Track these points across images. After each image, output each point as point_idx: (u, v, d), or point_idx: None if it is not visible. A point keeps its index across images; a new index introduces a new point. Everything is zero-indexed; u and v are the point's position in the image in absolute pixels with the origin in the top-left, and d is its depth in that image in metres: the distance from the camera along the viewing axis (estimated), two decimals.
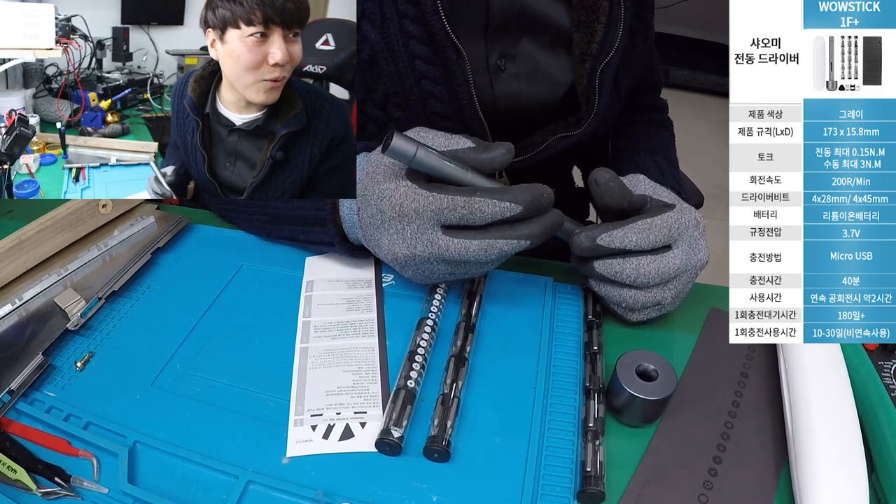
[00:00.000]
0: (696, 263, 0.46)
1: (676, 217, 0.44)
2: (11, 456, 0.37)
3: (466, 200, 0.40)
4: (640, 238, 0.43)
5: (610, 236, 0.43)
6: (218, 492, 0.37)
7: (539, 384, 0.44)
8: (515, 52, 0.54)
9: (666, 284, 0.45)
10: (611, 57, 0.52)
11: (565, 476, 0.38)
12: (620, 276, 0.44)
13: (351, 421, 0.41)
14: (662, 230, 0.43)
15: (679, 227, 0.44)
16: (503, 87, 0.55)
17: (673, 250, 0.44)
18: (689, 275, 0.46)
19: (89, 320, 0.48)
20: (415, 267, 0.44)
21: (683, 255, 0.44)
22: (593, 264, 0.45)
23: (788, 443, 0.39)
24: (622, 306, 0.47)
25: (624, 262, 0.44)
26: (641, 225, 0.43)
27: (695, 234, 0.45)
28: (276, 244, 0.57)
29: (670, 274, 0.44)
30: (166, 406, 0.42)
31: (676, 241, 0.45)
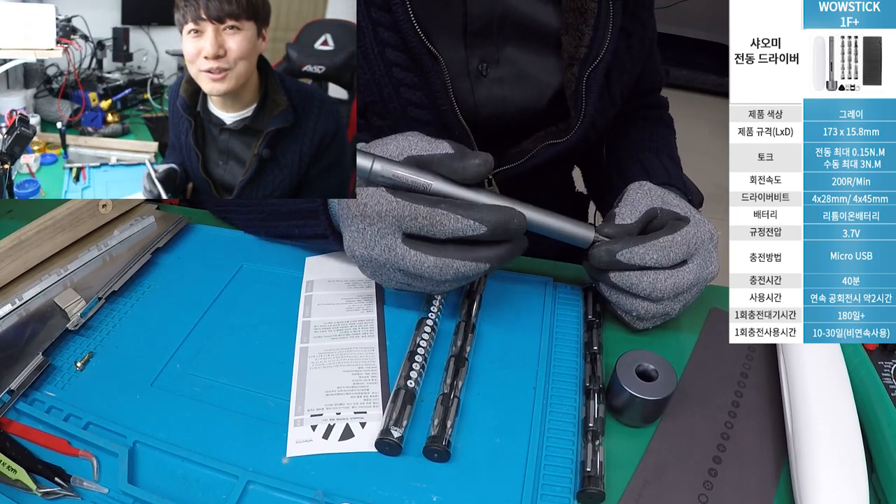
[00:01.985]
0: (707, 276, 0.46)
1: (694, 233, 0.44)
2: (11, 456, 0.37)
3: (429, 211, 0.38)
4: (661, 256, 0.43)
5: (631, 253, 0.43)
6: (218, 492, 0.37)
7: (539, 384, 0.44)
8: (499, 57, 0.54)
9: (677, 297, 0.45)
10: (599, 61, 0.51)
11: (565, 476, 0.38)
12: (636, 289, 0.44)
13: (351, 421, 0.41)
14: (682, 247, 0.43)
15: (696, 243, 0.44)
16: (485, 93, 0.54)
17: (688, 265, 0.45)
18: (700, 287, 0.46)
19: (89, 320, 0.48)
20: (372, 269, 0.43)
21: (697, 269, 0.45)
22: (609, 275, 0.45)
23: (788, 443, 0.39)
24: (632, 314, 0.47)
25: (641, 275, 0.44)
26: (663, 243, 0.43)
27: (709, 247, 0.46)
28: (275, 244, 0.57)
29: (684, 288, 0.44)
30: (166, 406, 0.42)
31: (693, 256, 0.45)
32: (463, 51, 0.53)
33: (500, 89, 0.55)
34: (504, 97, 0.55)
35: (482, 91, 0.54)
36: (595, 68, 0.51)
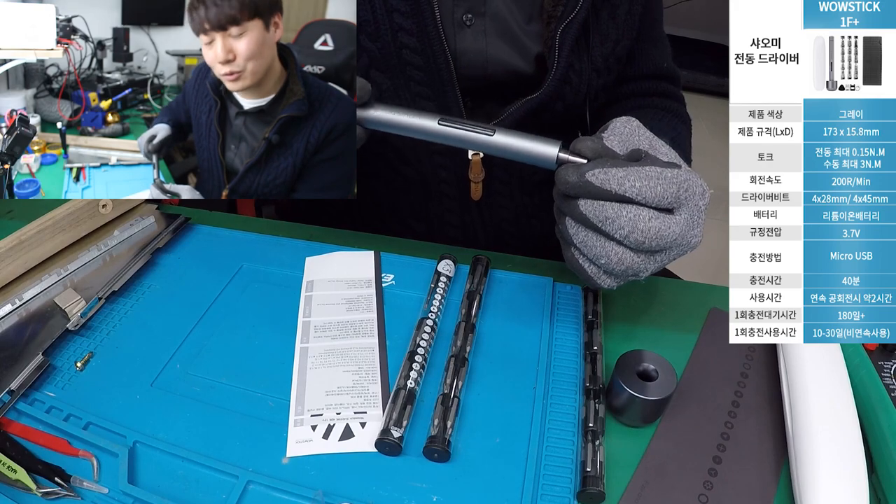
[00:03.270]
0: (689, 241, 0.39)
1: (686, 177, 0.37)
2: (11, 456, 0.37)
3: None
4: (645, 187, 0.36)
5: (606, 174, 0.36)
6: (218, 492, 0.37)
7: (539, 384, 0.44)
8: (485, 10, 0.55)
9: (654, 255, 0.38)
10: (572, 17, 0.52)
11: (565, 476, 0.38)
12: (611, 226, 0.37)
13: (351, 421, 0.41)
14: (672, 185, 0.36)
15: (687, 190, 0.37)
16: (466, 44, 0.55)
17: (676, 215, 0.37)
18: (679, 251, 0.39)
19: (89, 320, 0.48)
20: None
21: (685, 224, 0.37)
22: (578, 203, 0.38)
23: (788, 443, 0.39)
24: (599, 263, 0.39)
25: (620, 208, 0.36)
26: (649, 172, 0.36)
27: (700, 204, 0.38)
28: (275, 244, 0.57)
29: (667, 241, 0.37)
30: (166, 406, 0.42)
31: (682, 205, 0.37)
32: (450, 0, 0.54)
33: (481, 42, 0.56)
34: (483, 50, 0.56)
35: (464, 41, 0.55)
36: (569, 24, 0.52)
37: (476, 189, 0.59)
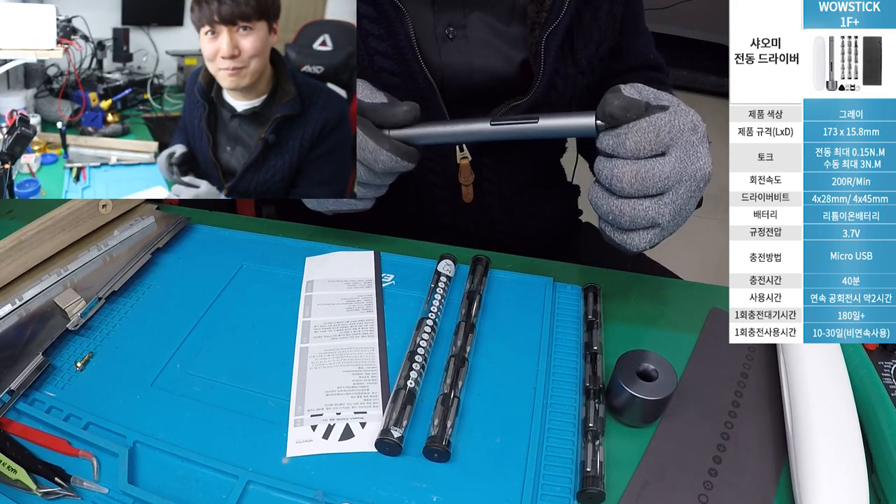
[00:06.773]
0: (694, 173, 0.39)
1: (668, 119, 0.38)
2: (11, 456, 0.37)
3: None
4: (617, 143, 0.38)
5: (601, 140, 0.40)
6: (218, 492, 0.37)
7: (539, 384, 0.44)
8: (466, 23, 0.55)
9: (661, 197, 0.39)
10: (557, 23, 0.52)
11: (565, 476, 0.38)
12: (600, 178, 0.40)
13: (351, 421, 0.41)
14: (648, 134, 0.38)
15: (671, 131, 0.38)
16: (452, 57, 0.56)
17: (667, 156, 0.38)
18: (688, 186, 0.39)
19: (89, 320, 0.48)
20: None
21: (677, 161, 0.38)
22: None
23: (788, 443, 0.39)
24: (608, 219, 0.41)
25: (600, 160, 0.40)
26: (621, 129, 0.38)
27: (692, 139, 0.39)
28: (275, 244, 0.57)
29: (655, 181, 0.38)
30: (166, 406, 0.42)
31: (669, 147, 0.39)
32: (431, 15, 0.54)
33: (466, 54, 0.56)
34: (469, 61, 0.56)
35: (448, 54, 0.56)
36: (554, 30, 0.53)
37: (467, 192, 0.59)
